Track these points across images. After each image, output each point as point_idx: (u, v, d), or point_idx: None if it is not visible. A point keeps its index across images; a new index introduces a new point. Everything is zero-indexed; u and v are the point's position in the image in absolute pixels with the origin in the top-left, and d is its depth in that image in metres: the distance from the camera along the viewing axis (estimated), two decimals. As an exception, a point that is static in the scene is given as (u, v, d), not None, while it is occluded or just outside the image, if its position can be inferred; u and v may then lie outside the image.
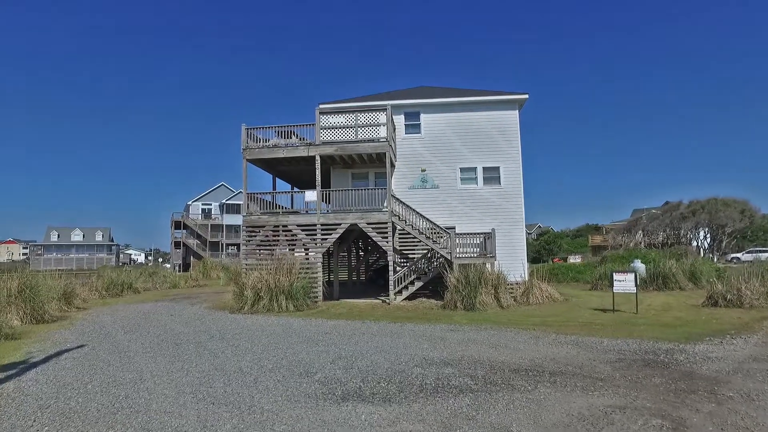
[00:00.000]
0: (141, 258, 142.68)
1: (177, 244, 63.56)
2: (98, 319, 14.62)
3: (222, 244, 65.34)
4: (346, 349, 9.42)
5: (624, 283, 14.51)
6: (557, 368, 7.48)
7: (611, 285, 22.46)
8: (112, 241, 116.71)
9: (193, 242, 63.60)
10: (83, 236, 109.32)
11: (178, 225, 63.99)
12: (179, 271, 52.94)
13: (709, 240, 42.46)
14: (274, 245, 19.12)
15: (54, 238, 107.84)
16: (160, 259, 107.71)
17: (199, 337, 11.06)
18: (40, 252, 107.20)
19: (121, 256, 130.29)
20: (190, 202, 68.98)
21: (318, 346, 9.72)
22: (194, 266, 47.68)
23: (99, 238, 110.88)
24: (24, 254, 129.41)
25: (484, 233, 19.01)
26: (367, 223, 18.40)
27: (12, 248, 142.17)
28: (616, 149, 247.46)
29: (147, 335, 11.46)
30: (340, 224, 18.54)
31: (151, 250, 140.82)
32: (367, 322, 13.26)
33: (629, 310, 14.46)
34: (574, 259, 48.09)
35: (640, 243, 46.47)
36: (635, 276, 14.34)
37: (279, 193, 21.15)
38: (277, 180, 25.11)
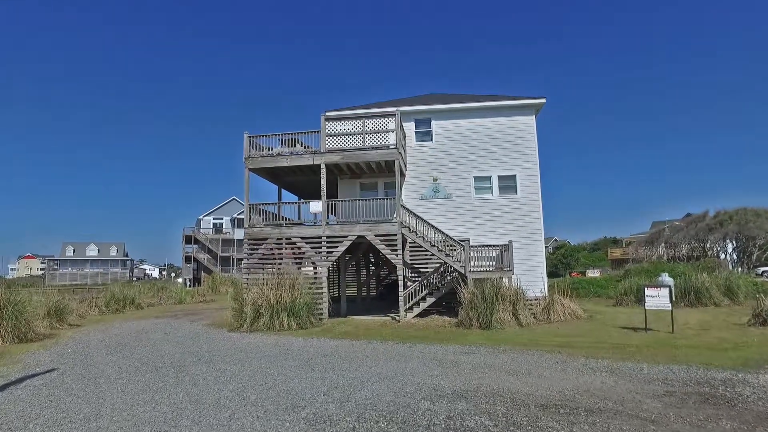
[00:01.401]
0: (155, 273, 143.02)
1: (188, 259, 63.07)
2: (86, 338, 13.66)
3: (233, 259, 64.63)
4: (345, 375, 8.25)
5: (657, 299, 13.09)
6: (594, 404, 6.21)
7: (638, 300, 21.10)
8: (127, 256, 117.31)
9: (204, 257, 63.02)
10: (98, 251, 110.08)
11: (189, 240, 63.52)
12: (191, 285, 52.26)
13: (737, 252, 40.41)
14: (278, 259, 18.09)
15: (69, 253, 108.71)
16: (173, 274, 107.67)
17: (185, 360, 9.98)
18: (56, 267, 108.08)
19: (136, 270, 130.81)
20: (201, 217, 68.68)
21: (313, 372, 8.56)
22: (205, 281, 46.96)
23: (113, 253, 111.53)
24: (42, 269, 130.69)
25: (501, 245, 17.74)
26: (375, 236, 17.29)
27: (31, 263, 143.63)
28: (632, 159, 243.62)
29: (130, 357, 10.43)
30: (346, 236, 17.47)
31: (165, 265, 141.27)
32: (373, 342, 12.07)
33: (663, 329, 13.03)
34: (593, 273, 46.24)
35: (663, 256, 44.48)
36: (670, 291, 12.92)
37: (281, 203, 20.15)
38: (285, 192, 24.22)
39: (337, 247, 17.52)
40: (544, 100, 20.46)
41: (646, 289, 13.43)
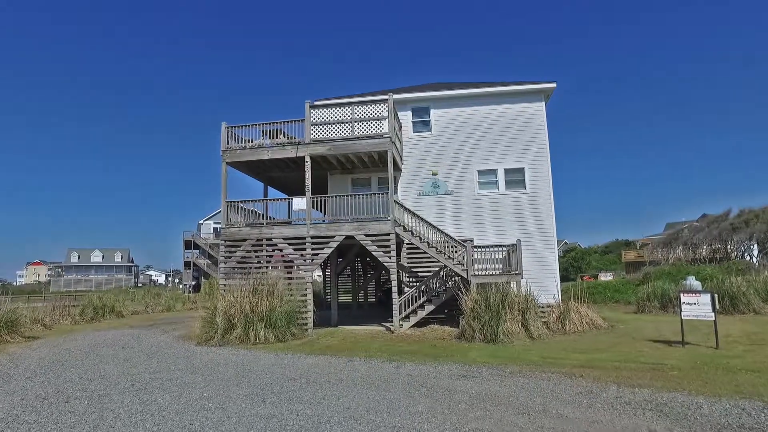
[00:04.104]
0: (162, 279, 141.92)
1: (188, 264, 61.56)
2: (27, 354, 11.81)
3: (233, 264, 62.92)
4: (302, 412, 6.26)
5: (696, 307, 10.94)
6: (644, 470, 4.17)
7: (663, 307, 18.83)
8: (132, 262, 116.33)
9: (204, 262, 61.38)
10: (103, 257, 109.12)
11: (189, 245, 62.07)
12: (191, 291, 50.58)
13: (760, 254, 37.81)
14: (259, 262, 16.20)
15: (74, 259, 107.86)
16: (177, 280, 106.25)
17: (116, 386, 8.05)
18: (61, 273, 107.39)
19: (141, 276, 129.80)
20: (201, 221, 67.10)
21: (263, 406, 6.59)
22: (203, 287, 45.29)
23: (118, 259, 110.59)
24: (48, 275, 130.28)
25: (508, 246, 15.66)
26: (366, 235, 15.34)
27: (39, 270, 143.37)
28: (641, 157, 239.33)
29: (51, 382, 8.52)
30: (333, 237, 15.53)
31: (170, 271, 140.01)
32: (354, 361, 10.08)
33: (704, 343, 10.90)
34: (605, 277, 44.02)
35: (681, 258, 41.91)
36: (712, 298, 10.77)
37: (264, 201, 18.21)
38: (278, 192, 22.38)
39: (323, 248, 15.59)
40: (554, 85, 18.41)
41: (682, 295, 11.26)
